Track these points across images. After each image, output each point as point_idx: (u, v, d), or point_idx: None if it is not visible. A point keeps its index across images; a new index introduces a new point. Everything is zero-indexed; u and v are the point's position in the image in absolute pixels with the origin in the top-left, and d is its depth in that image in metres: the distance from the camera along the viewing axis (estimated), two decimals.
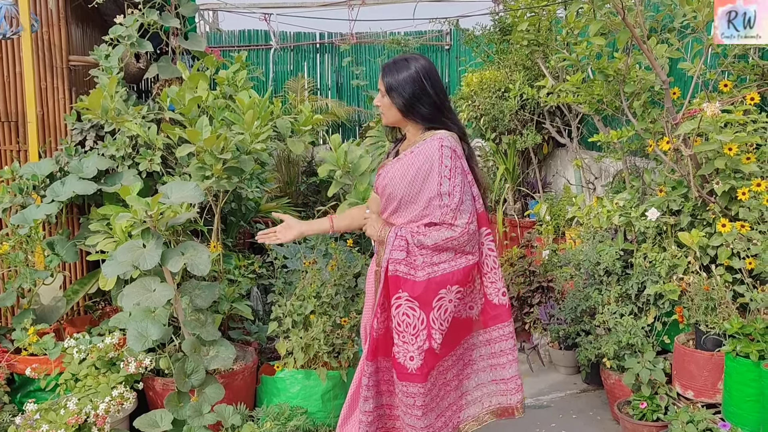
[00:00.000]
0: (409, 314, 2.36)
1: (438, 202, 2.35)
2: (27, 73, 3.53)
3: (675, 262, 3.24)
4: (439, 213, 2.35)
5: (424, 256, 2.36)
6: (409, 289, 2.36)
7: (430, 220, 2.38)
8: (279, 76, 7.61)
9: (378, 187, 2.54)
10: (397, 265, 2.36)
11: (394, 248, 2.37)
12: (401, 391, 2.40)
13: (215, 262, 3.29)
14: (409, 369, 2.36)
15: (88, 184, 3.29)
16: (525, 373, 4.17)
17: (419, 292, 2.35)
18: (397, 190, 2.41)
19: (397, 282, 2.37)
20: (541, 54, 4.84)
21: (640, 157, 4.37)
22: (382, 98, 2.47)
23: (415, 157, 2.40)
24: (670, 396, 3.12)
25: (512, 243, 5.46)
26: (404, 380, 2.38)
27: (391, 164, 2.49)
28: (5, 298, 3.26)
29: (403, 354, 2.37)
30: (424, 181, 2.37)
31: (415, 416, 2.40)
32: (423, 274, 2.36)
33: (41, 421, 2.59)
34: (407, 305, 2.36)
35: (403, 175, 2.40)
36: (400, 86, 2.40)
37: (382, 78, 2.46)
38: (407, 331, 2.36)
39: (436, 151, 2.36)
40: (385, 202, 2.50)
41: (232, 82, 3.55)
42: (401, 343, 2.37)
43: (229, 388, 2.96)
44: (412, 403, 2.39)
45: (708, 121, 2.95)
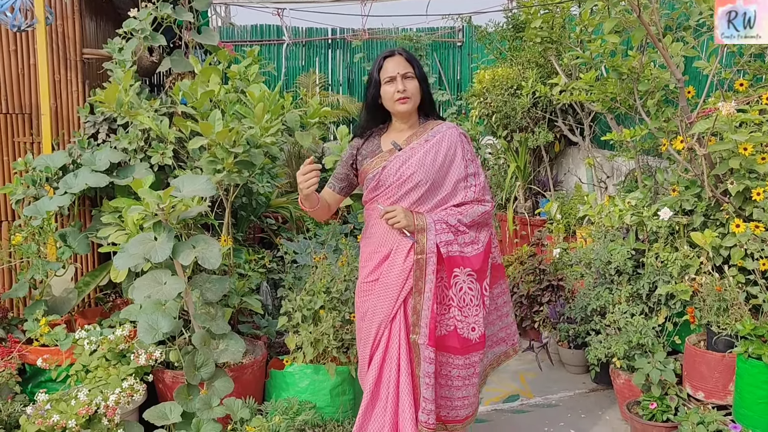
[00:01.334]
0: (472, 287, 2.51)
1: (464, 183, 2.55)
2: (41, 65, 3.55)
3: (687, 262, 3.21)
4: (470, 192, 2.56)
5: (468, 232, 2.53)
6: (469, 264, 2.51)
7: (458, 201, 2.55)
8: (291, 71, 7.61)
9: (386, 179, 2.52)
10: (449, 246, 2.48)
11: (439, 232, 2.48)
12: (462, 365, 2.51)
13: (226, 256, 3.29)
14: (473, 340, 2.51)
15: (100, 176, 3.30)
16: (534, 372, 4.16)
17: (479, 265, 2.53)
18: (428, 176, 2.50)
19: (452, 262, 2.49)
20: (554, 51, 4.81)
21: (653, 157, 4.34)
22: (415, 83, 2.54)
23: (441, 144, 2.54)
24: (680, 397, 3.10)
25: (522, 241, 5.44)
26: (468, 352, 2.50)
27: (406, 154, 2.51)
28: (18, 289, 3.28)
29: (465, 328, 2.50)
30: (450, 166, 2.54)
31: (472, 384, 2.55)
32: (473, 248, 2.54)
33: (52, 411, 2.60)
34: (468, 280, 2.51)
35: (433, 162, 2.51)
36: (424, 74, 2.59)
37: (412, 65, 2.54)
38: (471, 303, 2.50)
39: (458, 137, 2.57)
40: (407, 191, 2.51)
41: (244, 77, 3.55)
42: (463, 317, 2.50)
43: (238, 382, 2.97)
44: (473, 373, 2.53)
45: (723, 121, 2.92)
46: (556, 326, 4.18)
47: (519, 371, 4.19)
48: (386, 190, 2.54)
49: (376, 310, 2.54)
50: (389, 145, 2.57)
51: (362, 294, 2.61)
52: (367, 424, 2.51)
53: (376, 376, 2.51)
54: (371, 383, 2.51)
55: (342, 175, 2.71)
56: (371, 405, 2.51)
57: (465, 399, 2.54)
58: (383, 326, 2.51)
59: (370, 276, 2.59)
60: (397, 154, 2.53)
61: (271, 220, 4.97)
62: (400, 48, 2.61)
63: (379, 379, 2.51)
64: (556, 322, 4.17)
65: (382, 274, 2.54)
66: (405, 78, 2.51)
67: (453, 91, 7.79)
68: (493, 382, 4.03)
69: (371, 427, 2.50)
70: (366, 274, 2.61)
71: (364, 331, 2.59)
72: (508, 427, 3.47)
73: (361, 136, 2.66)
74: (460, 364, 2.50)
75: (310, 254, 3.82)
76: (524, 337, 4.65)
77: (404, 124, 2.59)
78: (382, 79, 2.53)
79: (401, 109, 2.52)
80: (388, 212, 2.50)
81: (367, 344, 2.57)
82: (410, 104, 2.53)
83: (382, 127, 2.66)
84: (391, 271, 2.52)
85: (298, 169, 2.48)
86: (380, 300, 2.53)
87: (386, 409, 2.48)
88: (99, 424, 2.64)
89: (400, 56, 2.54)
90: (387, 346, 2.51)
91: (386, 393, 2.49)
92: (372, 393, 2.50)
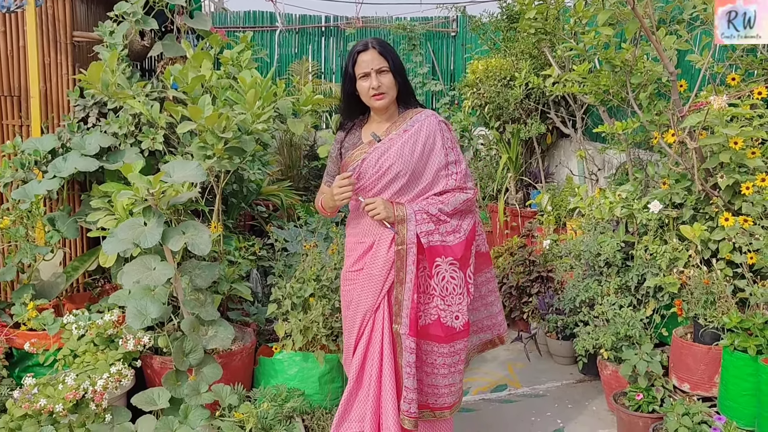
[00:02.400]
0: (454, 276, 2.50)
1: (445, 171, 2.53)
2: (30, 47, 3.50)
3: (676, 255, 3.23)
4: (451, 181, 2.54)
5: (450, 221, 2.52)
6: (451, 253, 2.50)
7: (439, 189, 2.53)
8: (283, 58, 7.57)
9: (366, 170, 2.52)
10: (429, 236, 2.48)
11: (419, 222, 2.47)
12: (447, 353, 2.52)
13: (216, 242, 3.28)
14: (457, 328, 2.52)
15: (90, 160, 3.28)
16: (522, 363, 4.18)
17: (461, 253, 2.51)
18: (407, 166, 2.50)
19: (434, 251, 2.48)
20: (548, 43, 4.80)
21: (644, 150, 4.35)
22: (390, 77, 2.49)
23: (419, 134, 2.52)
24: (666, 388, 3.13)
25: (513, 232, 5.45)
26: (452, 340, 2.51)
27: (385, 145, 2.51)
28: (5, 273, 3.26)
29: (448, 316, 2.50)
30: (430, 155, 2.52)
31: (459, 371, 2.58)
32: (455, 237, 2.52)
33: (39, 395, 2.60)
34: (450, 269, 2.50)
35: (412, 152, 2.50)
36: (400, 64, 2.55)
37: (386, 59, 2.48)
38: (454, 292, 2.50)
39: (437, 125, 2.54)
40: (388, 182, 2.51)
41: (237, 63, 3.53)
42: (446, 306, 2.50)
43: (227, 369, 2.97)
44: (458, 360, 2.55)
45: (714, 115, 2.93)
46: (544, 317, 4.20)
47: (507, 361, 4.22)
48: (367, 182, 2.54)
49: (361, 300, 2.56)
50: (369, 137, 2.56)
51: (347, 283, 2.64)
52: (350, 410, 2.56)
53: (359, 364, 2.55)
54: (355, 371, 2.55)
55: (333, 171, 2.72)
56: (354, 392, 2.55)
57: (452, 386, 2.57)
58: (368, 316, 2.55)
59: (354, 266, 2.61)
60: (376, 146, 2.52)
61: (261, 208, 4.96)
62: (373, 40, 2.53)
63: (362, 368, 2.54)
64: (545, 313, 4.19)
65: (366, 264, 2.56)
66: (379, 73, 2.47)
67: (446, 81, 7.78)
68: (481, 371, 4.06)
69: (353, 414, 2.55)
70: (351, 264, 2.63)
71: (349, 320, 2.62)
72: (495, 417, 3.49)
73: (343, 129, 2.67)
74: (445, 352, 2.52)
75: (301, 242, 3.81)
76: (513, 327, 4.67)
77: (382, 115, 2.58)
78: (357, 75, 2.51)
79: (377, 105, 2.52)
80: (369, 204, 2.51)
81: (351, 333, 2.61)
82: (386, 99, 2.51)
83: (363, 119, 2.66)
84: (374, 262, 2.54)
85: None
86: (364, 290, 2.55)
87: (368, 397, 2.52)
88: (86, 409, 2.64)
89: (373, 50, 2.48)
90: (371, 335, 2.54)
91: (369, 381, 2.52)
92: (355, 381, 2.55)
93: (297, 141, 6.51)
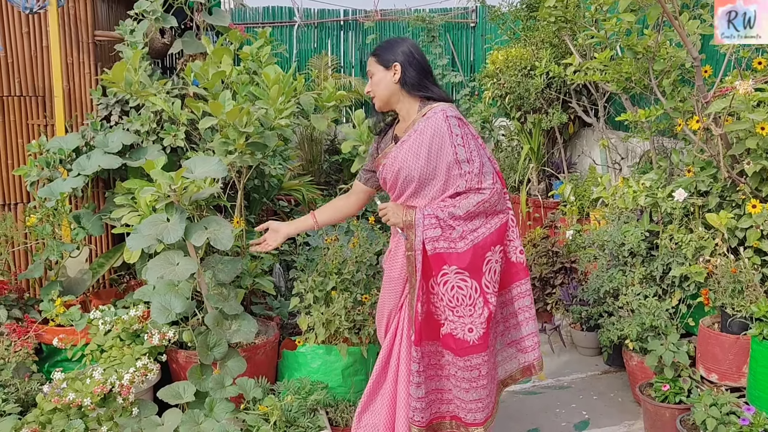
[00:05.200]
0: (462, 286, 2.34)
1: (458, 171, 2.35)
2: (53, 47, 3.55)
3: (702, 243, 3.18)
4: (463, 181, 2.35)
5: (461, 226, 2.34)
6: (456, 261, 2.33)
7: (454, 191, 2.37)
8: (302, 53, 7.58)
9: (386, 175, 2.49)
10: (435, 243, 2.34)
11: (426, 228, 2.34)
12: (463, 367, 2.38)
13: (238, 237, 3.31)
14: (470, 341, 2.36)
15: (113, 158, 3.32)
16: (546, 354, 4.16)
17: (468, 261, 2.34)
18: (413, 170, 2.38)
19: (440, 259, 2.35)
20: (568, 31, 4.74)
21: (668, 137, 4.28)
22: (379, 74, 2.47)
23: (423, 134, 2.38)
24: (693, 379, 3.09)
25: (535, 223, 5.41)
26: (466, 354, 2.36)
27: (396, 149, 2.45)
28: (33, 270, 3.32)
29: (460, 328, 2.36)
30: (439, 155, 2.36)
31: (481, 387, 2.41)
32: (464, 243, 2.34)
33: (68, 389, 2.64)
34: (457, 278, 2.34)
35: (417, 154, 2.37)
36: (400, 57, 2.43)
37: (375, 56, 2.48)
38: (462, 303, 2.35)
39: (443, 123, 2.36)
40: (401, 186, 2.45)
41: (256, 58, 3.54)
42: (456, 318, 2.36)
43: (250, 362, 2.99)
44: (477, 375, 2.39)
45: (740, 100, 2.87)
46: (568, 308, 4.16)
47: None
48: (389, 186, 2.53)
49: (385, 300, 2.61)
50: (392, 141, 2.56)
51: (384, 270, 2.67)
52: (371, 403, 2.61)
53: (384, 360, 2.57)
54: (378, 367, 2.59)
55: (368, 167, 2.71)
56: (376, 387, 2.59)
57: (479, 402, 2.42)
58: (393, 314, 2.58)
59: (386, 260, 2.65)
60: (393, 149, 2.48)
61: (283, 203, 4.98)
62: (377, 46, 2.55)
63: (386, 364, 2.57)
64: (569, 304, 4.16)
65: (388, 266, 2.59)
66: (370, 77, 2.50)
67: (466, 72, 7.72)
68: None
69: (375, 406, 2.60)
70: (384, 258, 2.68)
71: (378, 310, 2.69)
72: (520, 409, 3.48)
73: (378, 133, 2.67)
74: (461, 366, 2.39)
75: (322, 236, 3.83)
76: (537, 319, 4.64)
77: (400, 114, 2.54)
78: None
79: (377, 107, 2.54)
80: (381, 210, 2.48)
81: (381, 326, 2.67)
82: (378, 101, 2.51)
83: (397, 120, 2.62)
84: (393, 266, 2.55)
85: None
86: (387, 291, 2.59)
87: (386, 395, 2.55)
88: (114, 403, 2.68)
89: (370, 56, 2.51)
90: (395, 333, 2.56)
91: (389, 380, 2.55)
92: (377, 375, 2.58)
93: (318, 136, 6.52)
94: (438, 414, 2.50)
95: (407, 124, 2.47)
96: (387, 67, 2.45)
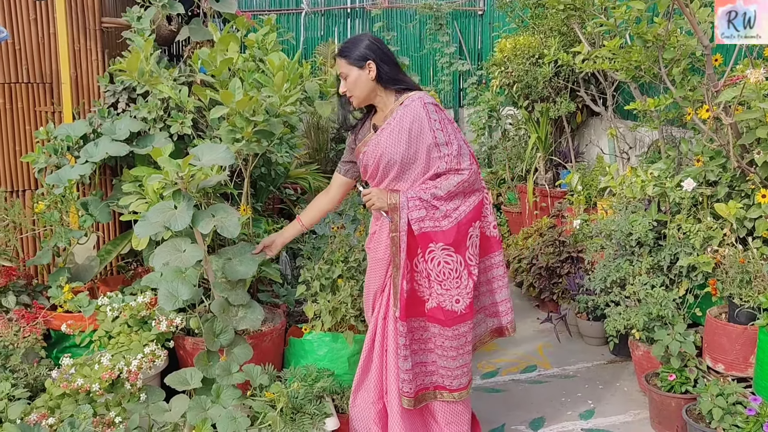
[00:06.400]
0: (449, 261, 2.52)
1: (437, 153, 2.52)
2: (61, 34, 3.55)
3: (710, 233, 3.17)
4: (443, 163, 2.52)
5: (443, 206, 2.51)
6: (441, 239, 2.50)
7: (434, 172, 2.53)
8: (309, 42, 7.55)
9: (368, 161, 2.62)
10: (420, 223, 2.50)
11: (411, 209, 2.51)
12: (451, 336, 2.56)
13: (245, 225, 3.31)
14: (458, 311, 2.55)
15: (120, 145, 3.32)
16: (552, 344, 4.16)
17: (453, 237, 2.51)
18: (395, 154, 2.53)
19: (426, 237, 2.51)
20: (577, 19, 4.70)
21: (677, 127, 4.25)
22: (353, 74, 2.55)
23: (402, 120, 2.53)
24: (699, 369, 3.09)
25: (542, 213, 5.40)
26: (455, 324, 2.55)
27: (377, 136, 2.58)
28: (41, 256, 3.33)
29: (448, 300, 2.54)
30: (419, 139, 2.52)
31: (466, 353, 2.62)
32: (448, 222, 2.52)
33: (76, 375, 2.66)
34: (444, 254, 2.51)
35: (398, 140, 2.52)
36: (371, 54, 2.54)
37: (346, 58, 2.56)
38: (450, 276, 2.53)
39: (421, 109, 2.52)
40: (383, 171, 2.59)
41: (262, 45, 3.52)
42: (444, 291, 2.54)
43: (257, 349, 3.00)
44: (464, 342, 2.59)
45: (751, 89, 2.85)
46: (574, 298, 4.16)
47: (537, 342, 4.20)
48: (370, 173, 2.65)
49: (370, 280, 2.76)
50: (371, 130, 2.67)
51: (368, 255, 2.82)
52: (363, 381, 2.79)
53: (370, 340, 2.75)
54: (366, 347, 2.77)
55: (346, 158, 2.85)
56: (366, 366, 2.77)
57: (464, 367, 2.64)
58: (377, 295, 2.72)
59: (368, 243, 2.78)
60: (373, 137, 2.60)
61: (290, 191, 4.98)
62: (339, 46, 2.62)
63: (372, 345, 2.75)
64: (575, 293, 4.15)
65: (372, 247, 2.73)
66: (344, 78, 2.58)
67: (474, 60, 7.68)
68: (510, 352, 4.05)
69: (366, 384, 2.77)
70: (367, 240, 2.81)
71: (365, 294, 2.85)
72: (525, 397, 3.48)
73: (352, 127, 2.78)
74: (450, 335, 2.56)
75: (329, 224, 3.83)
76: (543, 308, 4.64)
77: (378, 105, 2.65)
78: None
79: (355, 105, 2.64)
80: (365, 195, 2.61)
81: (368, 307, 2.83)
82: (355, 100, 2.61)
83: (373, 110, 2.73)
84: (378, 247, 2.69)
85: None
86: (372, 272, 2.74)
87: (373, 374, 2.73)
88: (122, 389, 2.69)
89: (338, 58, 2.59)
90: (377, 314, 2.72)
91: (377, 358, 2.73)
92: (366, 355, 2.77)
93: (324, 124, 6.50)
94: (422, 385, 2.66)
95: (385, 114, 2.61)
96: (360, 67, 2.55)
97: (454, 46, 7.58)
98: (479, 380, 3.68)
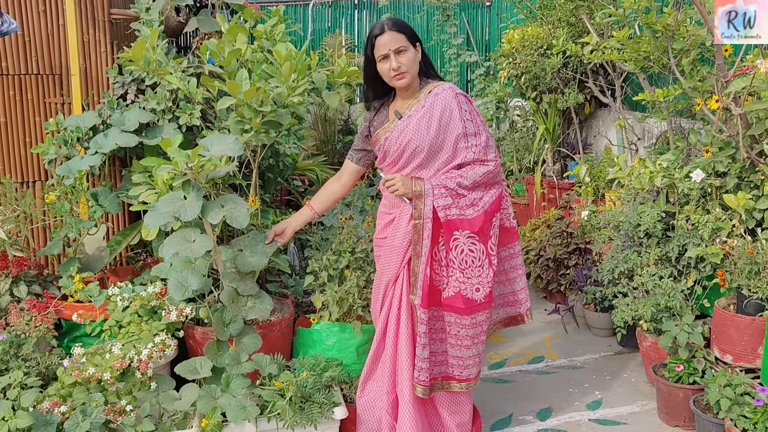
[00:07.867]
0: (473, 249, 2.53)
1: (464, 144, 2.54)
2: (70, 26, 3.56)
3: (719, 224, 3.16)
4: (470, 153, 2.54)
5: (468, 195, 2.53)
6: (468, 227, 2.52)
7: (458, 162, 2.55)
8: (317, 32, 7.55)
9: (390, 147, 2.61)
10: (447, 210, 2.51)
11: (437, 197, 2.50)
12: (468, 325, 2.58)
13: (253, 216, 3.33)
14: (478, 300, 2.57)
15: (129, 136, 3.34)
16: (559, 335, 4.16)
17: (479, 226, 2.53)
18: (424, 141, 2.53)
19: (452, 225, 2.52)
20: (586, 9, 4.68)
21: (686, 118, 4.23)
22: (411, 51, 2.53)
23: (433, 108, 2.54)
24: (707, 360, 3.09)
25: (550, 204, 5.39)
26: (473, 312, 2.56)
27: (403, 123, 2.58)
28: (52, 247, 3.36)
29: (469, 288, 2.55)
30: (447, 128, 2.53)
31: (480, 342, 2.64)
32: (474, 210, 2.54)
33: (87, 364, 2.69)
34: (469, 242, 2.53)
35: (427, 128, 2.52)
36: (418, 37, 2.58)
37: (404, 33, 2.52)
38: (473, 265, 2.54)
39: (453, 99, 2.54)
40: (407, 158, 2.58)
41: (270, 36, 3.53)
42: (465, 279, 2.54)
43: (266, 339, 3.02)
44: (480, 331, 2.61)
45: (761, 79, 2.83)
46: (582, 289, 4.16)
47: (544, 333, 4.21)
48: (391, 159, 2.64)
49: (384, 269, 2.73)
50: (393, 115, 2.65)
51: (376, 249, 2.80)
52: (374, 371, 2.77)
53: (381, 330, 2.73)
54: (378, 336, 2.75)
55: (359, 146, 2.84)
56: (376, 355, 2.76)
57: (477, 357, 2.66)
58: (390, 285, 2.69)
59: (380, 233, 2.77)
60: (397, 123, 2.59)
61: (298, 182, 4.99)
62: (388, 21, 2.56)
63: (384, 333, 2.72)
64: (583, 285, 4.15)
65: (389, 236, 2.70)
66: (398, 53, 2.51)
67: (481, 51, 7.66)
68: (518, 343, 4.06)
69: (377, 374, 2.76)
70: (378, 231, 2.80)
71: (376, 286, 2.81)
72: (533, 388, 3.49)
73: (372, 109, 2.76)
74: (467, 324, 2.58)
75: (336, 215, 3.84)
76: (550, 300, 4.65)
77: (405, 92, 2.64)
78: (376, 57, 2.57)
79: (399, 85, 2.57)
80: (388, 180, 2.60)
81: (377, 299, 2.79)
82: (407, 78, 2.55)
83: (389, 98, 2.73)
84: (395, 234, 2.67)
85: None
86: (387, 260, 2.71)
87: (386, 362, 2.70)
88: (132, 377, 2.72)
89: (390, 31, 2.51)
90: (391, 303, 2.70)
91: (389, 347, 2.70)
92: (377, 345, 2.75)
93: (331, 116, 6.51)
94: (432, 375, 2.66)
95: (410, 101, 2.60)
96: (414, 46, 2.56)
97: (461, 37, 7.55)
98: (487, 371, 3.69)
